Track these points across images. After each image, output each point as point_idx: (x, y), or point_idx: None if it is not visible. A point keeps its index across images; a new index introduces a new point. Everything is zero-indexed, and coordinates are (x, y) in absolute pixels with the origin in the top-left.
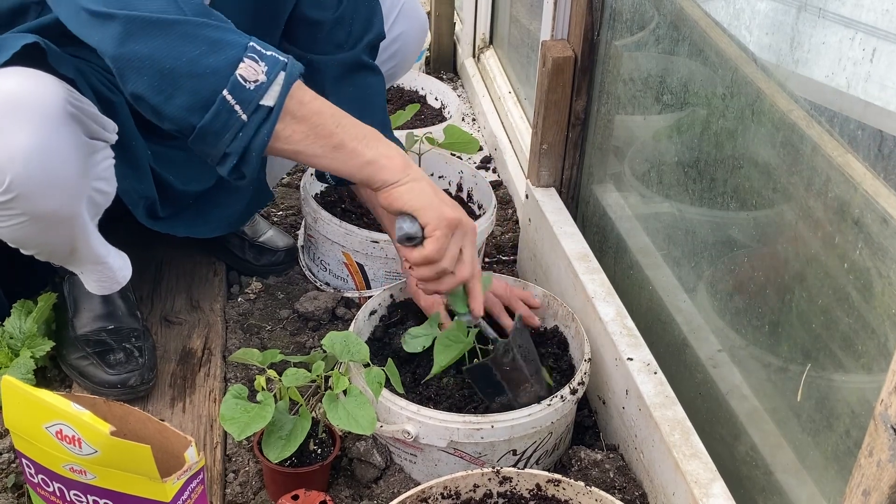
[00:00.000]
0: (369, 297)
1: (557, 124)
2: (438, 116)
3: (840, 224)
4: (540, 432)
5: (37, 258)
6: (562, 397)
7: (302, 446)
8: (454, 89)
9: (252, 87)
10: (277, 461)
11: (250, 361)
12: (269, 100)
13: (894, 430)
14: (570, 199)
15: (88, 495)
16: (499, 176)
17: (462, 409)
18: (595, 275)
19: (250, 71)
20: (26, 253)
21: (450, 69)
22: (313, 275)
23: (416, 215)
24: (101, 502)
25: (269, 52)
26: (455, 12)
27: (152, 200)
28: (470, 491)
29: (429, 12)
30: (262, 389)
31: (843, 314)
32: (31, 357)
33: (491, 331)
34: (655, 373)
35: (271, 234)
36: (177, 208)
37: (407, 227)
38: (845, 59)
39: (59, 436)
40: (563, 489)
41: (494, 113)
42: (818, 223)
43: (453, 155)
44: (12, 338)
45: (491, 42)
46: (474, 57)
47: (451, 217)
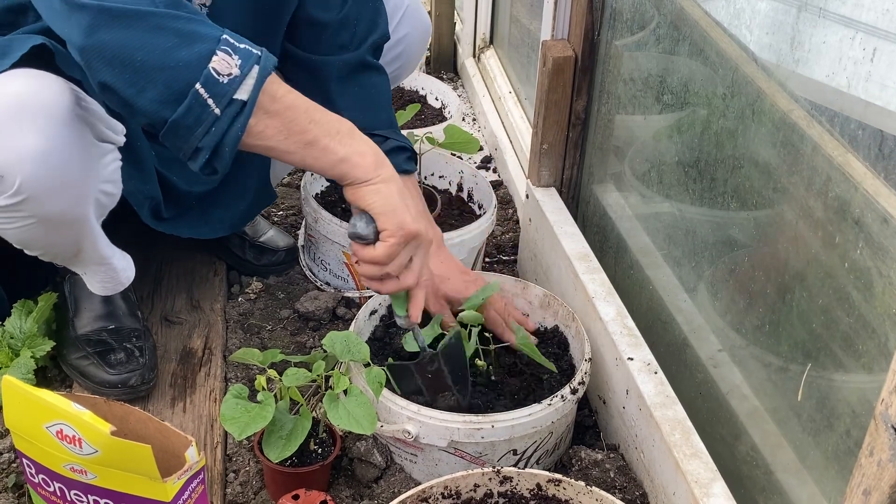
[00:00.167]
0: (370, 296)
1: (558, 124)
2: (439, 116)
3: (840, 224)
4: (540, 432)
5: (41, 259)
6: (562, 397)
7: (302, 446)
8: (454, 89)
9: (225, 80)
10: (278, 461)
11: (251, 361)
12: (242, 94)
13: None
14: (570, 198)
15: (89, 495)
16: (499, 176)
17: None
18: (595, 274)
19: (224, 64)
20: (31, 253)
21: (450, 69)
22: (314, 274)
23: (376, 219)
24: (102, 502)
25: (242, 45)
26: (455, 12)
27: (157, 201)
28: (470, 491)
29: (429, 12)
30: (263, 389)
31: (843, 314)
32: (32, 357)
33: (422, 338)
34: (656, 372)
35: (272, 234)
36: (181, 209)
37: (360, 227)
38: (846, 59)
39: (60, 435)
40: (564, 489)
41: (495, 113)
42: (818, 223)
43: (453, 155)
44: (13, 337)
45: (491, 42)
46: (475, 57)
47: (410, 228)
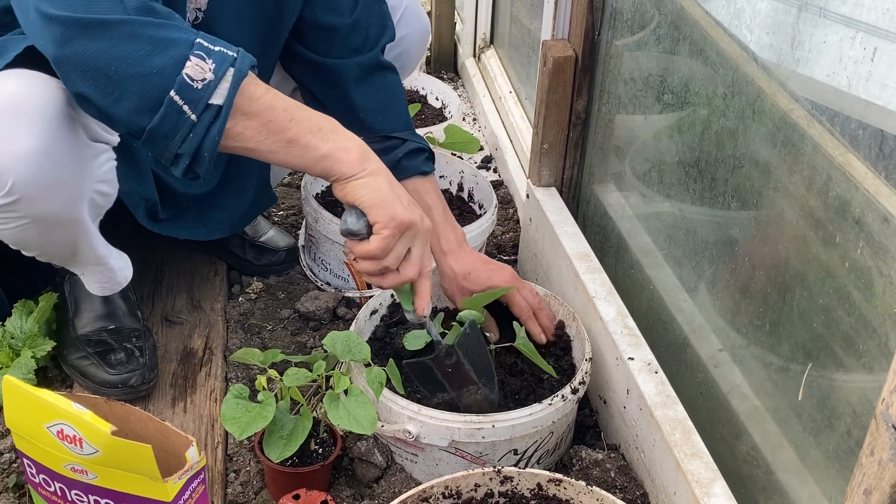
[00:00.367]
0: (370, 296)
1: (558, 124)
2: (439, 116)
3: (841, 223)
4: (541, 432)
5: (38, 259)
6: (563, 397)
7: (303, 446)
8: (455, 89)
9: (200, 86)
10: (278, 461)
11: (251, 361)
12: (217, 98)
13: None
14: (570, 198)
15: (89, 495)
16: (499, 175)
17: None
18: (596, 274)
19: (197, 70)
20: (28, 254)
21: (450, 69)
22: (314, 274)
23: (367, 213)
24: (103, 502)
25: (216, 48)
26: (455, 12)
27: (153, 202)
28: (471, 490)
29: (429, 12)
30: (263, 389)
31: (843, 313)
32: (32, 357)
33: (435, 332)
34: (656, 372)
35: (272, 234)
36: (177, 210)
37: (351, 222)
38: (846, 59)
39: (61, 435)
40: (565, 489)
41: (495, 112)
42: (819, 222)
43: (454, 154)
44: (13, 337)
45: (491, 42)
46: (475, 57)
47: (403, 217)
